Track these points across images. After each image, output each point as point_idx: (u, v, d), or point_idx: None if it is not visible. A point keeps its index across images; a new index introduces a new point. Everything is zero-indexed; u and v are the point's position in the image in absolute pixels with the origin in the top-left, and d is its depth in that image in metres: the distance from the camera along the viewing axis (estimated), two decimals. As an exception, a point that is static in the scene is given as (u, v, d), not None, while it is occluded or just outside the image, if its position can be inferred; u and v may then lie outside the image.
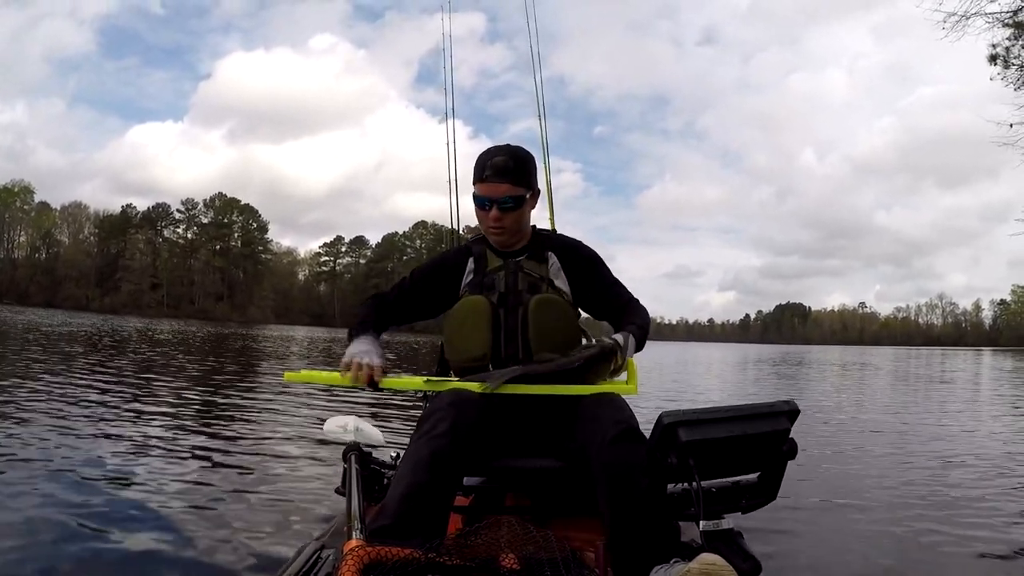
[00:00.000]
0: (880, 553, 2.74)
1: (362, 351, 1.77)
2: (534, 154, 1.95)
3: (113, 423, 5.21)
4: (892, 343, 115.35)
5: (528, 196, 1.90)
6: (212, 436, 5.03)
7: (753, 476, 1.62)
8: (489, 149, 1.91)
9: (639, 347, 1.84)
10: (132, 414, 5.74)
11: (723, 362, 26.62)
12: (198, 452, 4.39)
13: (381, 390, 1.77)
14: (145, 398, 6.88)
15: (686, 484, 1.50)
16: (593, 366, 1.73)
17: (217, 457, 4.29)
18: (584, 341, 1.88)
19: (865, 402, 10.15)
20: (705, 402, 9.81)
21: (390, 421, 5.88)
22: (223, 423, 5.72)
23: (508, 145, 1.93)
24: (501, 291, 1.90)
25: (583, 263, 2.00)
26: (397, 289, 2.02)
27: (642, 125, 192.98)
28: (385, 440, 2.20)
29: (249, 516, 3.01)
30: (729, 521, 1.49)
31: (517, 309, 1.88)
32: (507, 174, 1.85)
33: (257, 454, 4.44)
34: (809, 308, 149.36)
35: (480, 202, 1.88)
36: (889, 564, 2.62)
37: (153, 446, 4.45)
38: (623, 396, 1.74)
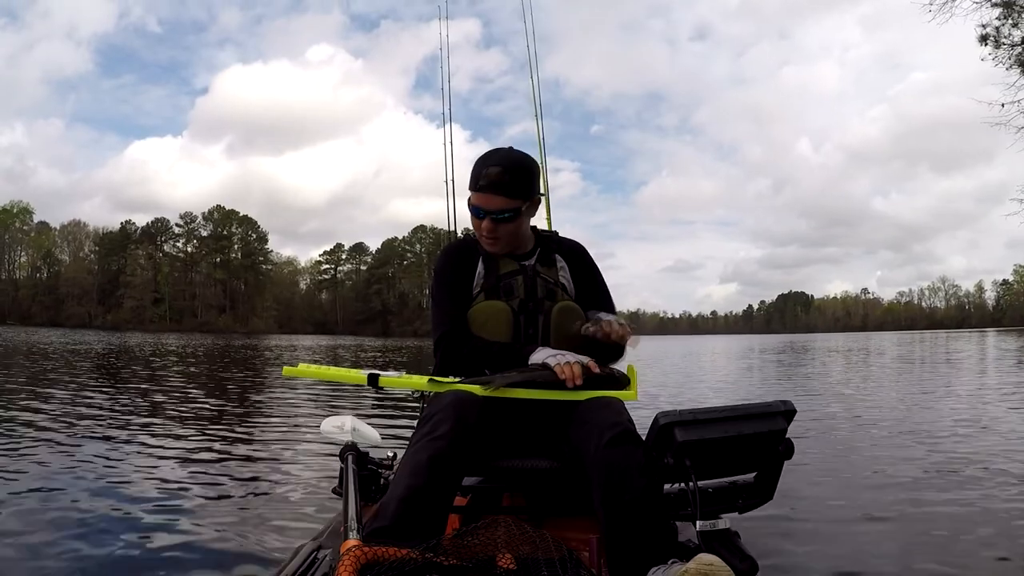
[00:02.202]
0: (878, 552, 2.69)
1: (556, 352, 1.73)
2: (532, 155, 1.90)
3: (113, 428, 5.24)
4: (896, 328, 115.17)
5: (524, 207, 1.85)
6: (209, 437, 5.05)
7: (750, 476, 1.62)
8: (487, 155, 1.84)
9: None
10: (130, 418, 5.77)
11: (727, 354, 26.56)
12: (195, 453, 4.42)
13: (381, 388, 1.73)
14: (144, 402, 6.91)
15: (683, 484, 1.49)
16: (594, 386, 1.71)
17: (213, 457, 4.31)
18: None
19: (866, 393, 10.04)
20: (707, 392, 9.80)
21: (387, 421, 5.88)
22: (219, 424, 5.75)
23: (509, 151, 1.87)
24: (521, 297, 1.86)
25: (586, 269, 1.99)
26: (451, 312, 1.87)
27: (638, 123, 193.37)
28: (382, 440, 2.20)
29: (246, 516, 3.02)
30: (726, 521, 1.49)
31: (537, 316, 1.86)
32: (500, 188, 1.80)
33: (254, 454, 4.46)
34: (811, 296, 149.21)
35: (474, 211, 1.84)
36: (888, 563, 2.57)
37: (150, 448, 4.49)
38: (623, 401, 1.72)
